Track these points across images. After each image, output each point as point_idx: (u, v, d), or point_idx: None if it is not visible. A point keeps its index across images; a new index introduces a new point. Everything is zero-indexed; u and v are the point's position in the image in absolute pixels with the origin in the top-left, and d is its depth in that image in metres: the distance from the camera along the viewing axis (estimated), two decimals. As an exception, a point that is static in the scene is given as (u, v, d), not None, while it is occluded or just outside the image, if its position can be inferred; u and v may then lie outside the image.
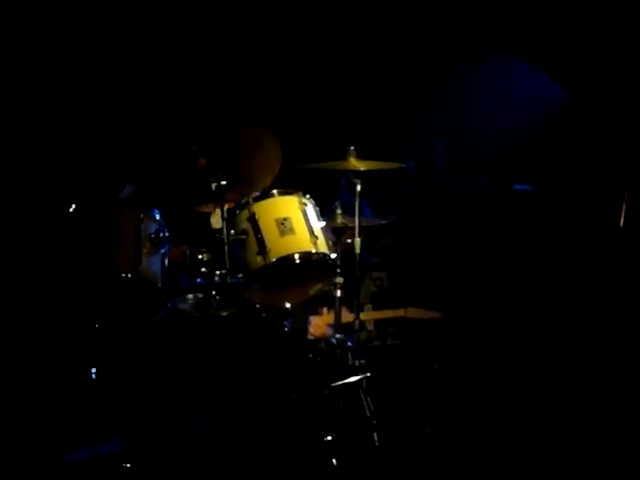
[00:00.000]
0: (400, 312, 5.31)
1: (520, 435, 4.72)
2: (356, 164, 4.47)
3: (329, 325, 4.98)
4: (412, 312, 5.29)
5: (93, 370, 4.09)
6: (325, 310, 5.22)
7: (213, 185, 4.20)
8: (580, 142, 6.07)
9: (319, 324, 5.03)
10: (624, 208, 5.35)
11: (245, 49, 5.90)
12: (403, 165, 4.94)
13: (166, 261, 4.17)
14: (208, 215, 4.26)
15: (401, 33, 6.18)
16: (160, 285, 4.10)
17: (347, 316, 4.71)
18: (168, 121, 5.29)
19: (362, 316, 4.82)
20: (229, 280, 4.16)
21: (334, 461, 4.08)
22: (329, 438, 4.13)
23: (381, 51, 6.21)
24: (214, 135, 4.27)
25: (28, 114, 5.41)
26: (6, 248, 5.17)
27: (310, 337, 4.88)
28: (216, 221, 4.17)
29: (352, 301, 4.62)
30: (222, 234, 4.13)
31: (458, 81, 6.31)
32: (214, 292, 4.16)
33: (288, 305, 4.33)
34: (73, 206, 4.05)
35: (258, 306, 4.28)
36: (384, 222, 5.40)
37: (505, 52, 6.17)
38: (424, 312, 5.31)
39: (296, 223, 4.17)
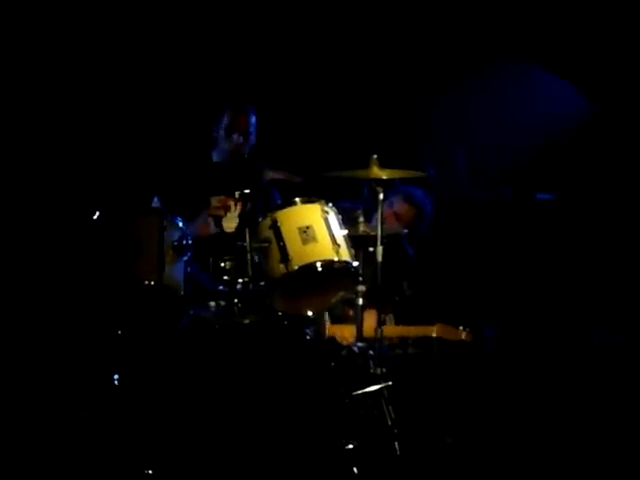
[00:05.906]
0: (425, 330, 4.99)
1: (543, 445, 4.69)
2: (379, 173, 4.47)
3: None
4: (440, 331, 4.95)
5: (115, 377, 4.11)
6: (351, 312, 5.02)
7: (237, 193, 4.22)
8: (604, 151, 6.04)
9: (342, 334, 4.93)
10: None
11: (269, 60, 5.93)
12: (425, 174, 4.93)
13: (189, 269, 4.18)
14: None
15: (424, 41, 6.18)
16: (182, 293, 4.11)
17: (369, 330, 4.63)
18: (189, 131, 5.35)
19: (386, 331, 4.70)
20: (251, 288, 4.17)
21: (355, 470, 4.07)
22: (350, 447, 4.12)
23: (404, 60, 6.21)
24: None
25: (55, 124, 5.46)
26: (30, 255, 5.21)
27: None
28: (228, 225, 4.16)
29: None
30: (244, 242, 4.14)
31: (481, 89, 6.30)
32: (236, 300, 4.18)
33: (310, 313, 4.33)
34: (97, 214, 4.07)
35: (280, 314, 4.28)
36: (406, 231, 5.38)
37: (530, 62, 6.15)
38: (453, 331, 4.95)
39: (318, 231, 4.16)
